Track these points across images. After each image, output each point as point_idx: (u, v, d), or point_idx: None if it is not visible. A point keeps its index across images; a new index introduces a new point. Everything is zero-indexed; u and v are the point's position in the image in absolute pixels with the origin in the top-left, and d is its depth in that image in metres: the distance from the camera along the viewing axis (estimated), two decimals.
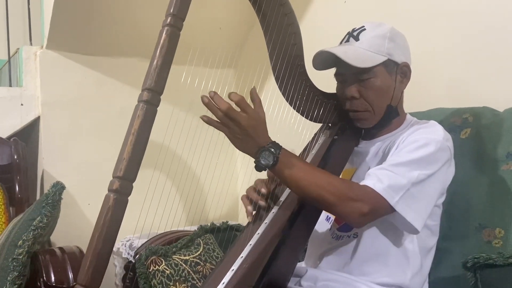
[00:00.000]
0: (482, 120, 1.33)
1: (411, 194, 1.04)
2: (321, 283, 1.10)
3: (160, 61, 0.95)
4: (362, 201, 1.02)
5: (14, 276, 1.24)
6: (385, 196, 1.03)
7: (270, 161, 0.99)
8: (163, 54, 0.95)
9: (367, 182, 1.05)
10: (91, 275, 0.85)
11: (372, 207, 1.02)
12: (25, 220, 1.34)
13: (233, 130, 0.98)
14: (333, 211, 1.09)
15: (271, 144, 1.00)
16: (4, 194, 1.70)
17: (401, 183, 1.04)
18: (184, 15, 0.98)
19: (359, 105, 1.18)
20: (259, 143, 0.99)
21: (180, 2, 0.97)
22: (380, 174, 1.06)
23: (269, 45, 1.16)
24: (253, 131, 0.98)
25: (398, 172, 1.05)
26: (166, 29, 0.96)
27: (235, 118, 0.96)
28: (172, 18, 0.96)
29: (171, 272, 1.34)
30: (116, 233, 0.89)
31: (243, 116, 0.96)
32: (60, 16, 1.86)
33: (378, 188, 1.03)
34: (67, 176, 1.96)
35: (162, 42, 0.96)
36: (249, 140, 0.99)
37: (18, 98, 1.92)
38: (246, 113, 0.96)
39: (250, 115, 0.97)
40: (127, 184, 0.90)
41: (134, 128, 0.92)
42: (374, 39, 1.16)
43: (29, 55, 1.94)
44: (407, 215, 1.04)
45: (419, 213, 1.06)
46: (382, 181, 1.04)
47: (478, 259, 1.05)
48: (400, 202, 1.03)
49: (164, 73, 0.96)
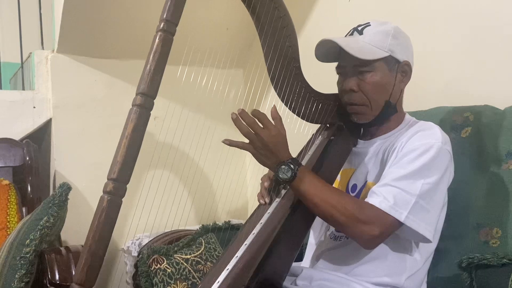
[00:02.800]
0: (483, 119, 1.31)
1: (419, 206, 1.05)
2: (316, 282, 1.11)
3: (153, 66, 0.98)
4: (372, 223, 1.03)
5: (22, 274, 1.28)
6: (393, 214, 1.03)
7: (288, 176, 1.06)
8: (156, 59, 0.98)
9: (373, 201, 1.06)
10: (86, 274, 0.89)
11: (382, 229, 1.04)
12: (32, 220, 1.39)
13: (256, 146, 1.05)
14: (344, 231, 1.12)
15: (291, 160, 1.07)
16: (17, 194, 1.75)
17: (406, 198, 1.04)
18: (177, 20, 1.00)
19: (357, 98, 1.18)
20: (279, 158, 1.07)
21: (173, 7, 1.00)
22: (385, 191, 1.06)
23: (264, 47, 1.17)
24: (274, 146, 1.06)
25: (402, 187, 1.05)
26: (159, 34, 0.99)
27: (259, 133, 1.04)
28: (165, 24, 0.99)
29: (172, 270, 1.37)
30: (110, 234, 0.91)
31: (266, 132, 1.04)
32: (70, 20, 1.90)
33: (385, 208, 1.03)
34: (78, 177, 2.01)
35: (155, 47, 0.98)
36: (270, 155, 1.07)
37: (30, 101, 1.97)
38: (268, 129, 1.05)
39: (272, 132, 1.05)
40: (121, 186, 0.94)
41: (127, 132, 0.95)
42: (378, 34, 1.16)
43: (41, 59, 1.99)
44: (419, 228, 1.04)
45: (430, 223, 1.06)
46: (387, 199, 1.04)
47: (472, 259, 1.05)
48: (409, 216, 1.03)
49: (157, 78, 0.98)
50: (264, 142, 1.04)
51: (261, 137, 1.04)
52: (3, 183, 1.76)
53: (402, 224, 1.04)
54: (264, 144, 1.04)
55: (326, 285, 1.09)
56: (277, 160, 1.07)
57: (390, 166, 1.11)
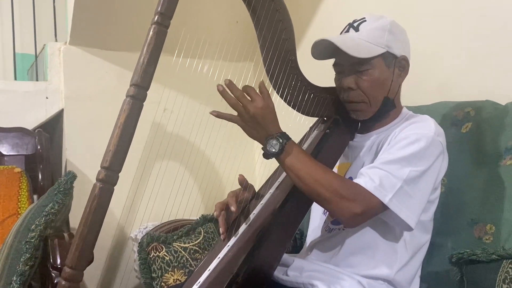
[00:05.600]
0: (483, 114, 1.30)
1: (404, 192, 1.05)
2: (306, 273, 1.12)
3: (146, 58, 0.99)
4: (355, 201, 1.03)
5: (26, 258, 1.33)
6: (377, 195, 1.03)
7: (276, 149, 1.05)
8: (149, 51, 1.00)
9: (359, 181, 1.06)
10: (77, 258, 0.92)
11: (365, 208, 1.04)
12: (38, 206, 1.44)
13: (244, 118, 1.04)
14: (327, 207, 1.11)
15: (280, 134, 1.06)
16: (28, 182, 1.82)
17: (392, 181, 1.04)
18: (172, 13, 1.02)
19: (356, 96, 1.18)
20: (268, 131, 1.06)
21: (168, 0, 1.01)
22: (372, 173, 1.06)
23: (260, 39, 1.18)
24: (262, 119, 1.04)
25: (390, 170, 1.05)
26: (153, 27, 1.01)
27: (246, 105, 1.03)
28: (159, 17, 1.01)
29: (170, 258, 1.40)
30: (101, 220, 0.94)
31: (253, 104, 1.03)
32: (81, 12, 1.94)
33: (369, 187, 1.04)
34: (88, 166, 2.06)
35: (149, 39, 1.00)
36: (259, 127, 1.05)
37: (43, 91, 2.03)
38: (256, 101, 1.03)
39: (259, 104, 1.03)
40: (113, 174, 0.96)
41: (120, 122, 0.98)
42: (374, 30, 1.16)
43: (54, 51, 2.04)
44: (401, 213, 1.04)
45: (413, 210, 1.06)
46: (373, 180, 1.05)
47: (462, 255, 1.05)
48: (393, 200, 1.04)
49: (151, 69, 1.00)
50: (252, 114, 1.03)
51: (248, 109, 1.02)
52: (15, 171, 1.82)
53: (385, 207, 1.04)
54: (252, 116, 1.03)
55: (315, 276, 1.10)
56: (265, 133, 1.05)
57: (381, 153, 1.12)
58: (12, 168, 1.83)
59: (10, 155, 1.88)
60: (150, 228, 1.92)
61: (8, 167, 1.83)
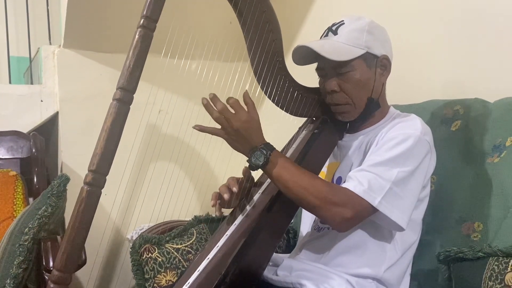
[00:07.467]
0: (472, 112, 1.30)
1: (393, 193, 1.05)
2: (295, 273, 1.13)
3: (132, 61, 1.00)
4: (344, 206, 1.04)
5: (20, 261, 1.34)
6: (366, 198, 1.04)
7: (260, 161, 1.05)
8: (135, 54, 1.00)
9: (347, 185, 1.07)
10: (65, 261, 0.93)
11: (355, 212, 1.04)
12: (32, 209, 1.45)
13: (228, 131, 1.05)
14: (317, 214, 1.12)
15: (263, 146, 1.06)
16: (23, 185, 1.82)
17: (381, 183, 1.05)
18: (157, 17, 1.02)
19: (340, 98, 1.19)
20: (251, 143, 1.06)
21: (153, 4, 1.02)
22: (360, 176, 1.07)
23: (247, 40, 1.19)
24: (245, 132, 1.05)
25: (378, 172, 1.06)
26: (139, 30, 1.01)
27: (230, 118, 1.03)
28: (145, 20, 1.01)
29: (162, 259, 1.41)
30: (89, 223, 0.95)
31: (236, 117, 1.03)
32: (75, 15, 1.95)
33: (358, 191, 1.04)
34: (84, 168, 2.05)
35: (135, 43, 1.01)
36: (243, 140, 1.06)
37: (38, 94, 2.04)
38: (239, 114, 1.03)
39: (242, 117, 1.04)
40: (100, 177, 0.98)
41: (106, 125, 0.98)
42: (352, 32, 1.17)
43: (48, 54, 2.05)
44: (392, 215, 1.05)
45: (403, 210, 1.06)
46: (362, 183, 1.05)
47: (449, 253, 1.05)
48: (382, 202, 1.04)
49: (137, 73, 1.01)
50: (235, 127, 1.03)
51: (231, 122, 1.03)
52: (11, 174, 1.83)
53: (375, 209, 1.04)
54: (236, 130, 1.03)
55: (304, 275, 1.11)
56: (249, 146, 1.06)
57: (369, 155, 1.12)
58: (8, 171, 1.84)
59: (5, 158, 1.89)
60: (146, 230, 1.93)
61: (3, 171, 1.84)
